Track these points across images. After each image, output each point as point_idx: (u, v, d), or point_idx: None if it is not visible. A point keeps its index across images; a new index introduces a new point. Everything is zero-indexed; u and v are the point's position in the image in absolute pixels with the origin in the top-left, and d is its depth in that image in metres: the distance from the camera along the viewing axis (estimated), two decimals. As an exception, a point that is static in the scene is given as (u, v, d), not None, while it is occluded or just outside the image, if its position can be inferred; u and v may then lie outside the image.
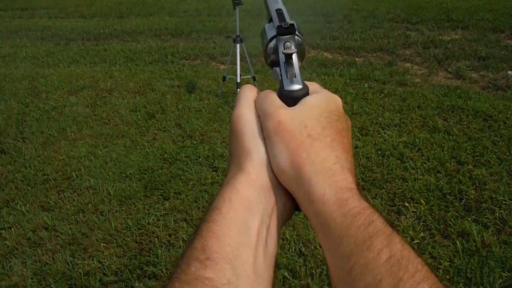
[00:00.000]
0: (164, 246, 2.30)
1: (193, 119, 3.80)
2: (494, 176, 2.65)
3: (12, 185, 2.96)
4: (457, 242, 2.12)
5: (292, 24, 0.42)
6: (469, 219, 2.29)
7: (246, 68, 4.29)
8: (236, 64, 3.95)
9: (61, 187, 2.92)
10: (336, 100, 0.42)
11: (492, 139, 3.09)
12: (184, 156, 3.19)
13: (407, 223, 2.32)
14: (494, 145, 3.02)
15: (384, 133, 3.33)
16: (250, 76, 4.14)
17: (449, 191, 2.54)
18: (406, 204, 2.48)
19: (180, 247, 2.28)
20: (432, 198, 2.50)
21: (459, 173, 2.71)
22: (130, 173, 3.02)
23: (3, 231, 2.52)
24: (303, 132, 0.38)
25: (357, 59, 5.22)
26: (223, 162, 3.07)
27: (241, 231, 0.35)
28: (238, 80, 3.93)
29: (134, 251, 2.29)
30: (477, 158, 2.87)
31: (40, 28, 8.62)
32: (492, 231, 2.19)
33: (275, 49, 0.42)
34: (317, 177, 0.36)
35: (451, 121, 3.43)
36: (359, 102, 3.91)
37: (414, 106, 3.73)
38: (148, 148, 3.35)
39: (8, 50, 6.83)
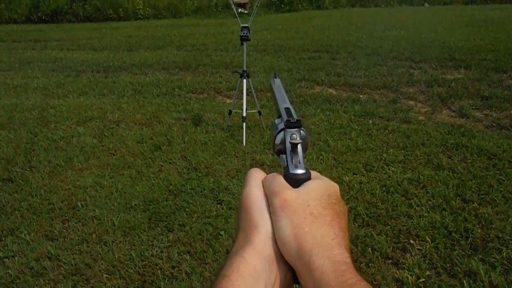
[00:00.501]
0: (167, 279, 2.29)
1: (198, 151, 3.84)
2: (500, 215, 2.64)
3: (17, 214, 2.98)
4: (464, 282, 2.10)
5: (299, 120, 0.50)
6: (475, 258, 2.27)
7: (252, 103, 4.36)
8: (242, 99, 4.02)
9: (66, 216, 2.93)
10: (335, 186, 0.48)
11: (497, 177, 3.10)
12: (189, 188, 3.20)
13: (413, 261, 2.30)
14: (500, 184, 3.02)
15: (389, 169, 3.35)
16: (256, 110, 4.21)
17: (455, 229, 2.53)
18: (412, 241, 2.46)
19: (183, 280, 2.27)
20: (437, 236, 2.49)
21: (465, 211, 2.71)
22: (135, 204, 3.03)
23: (7, 259, 2.51)
24: (306, 210, 0.43)
25: (361, 96, 5.30)
26: (227, 195, 3.08)
27: None
28: (244, 114, 3.99)
29: (136, 283, 2.27)
30: (482, 196, 2.87)
31: (52, 59, 8.84)
32: (499, 271, 2.16)
33: (283, 140, 0.49)
34: (317, 249, 0.41)
35: (455, 159, 3.45)
36: (364, 138, 3.95)
37: (418, 143, 3.76)
38: (154, 180, 3.37)
39: (20, 80, 6.99)
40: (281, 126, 0.51)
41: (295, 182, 0.46)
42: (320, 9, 15.64)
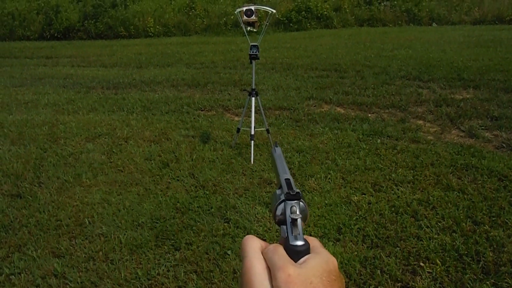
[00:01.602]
0: (173, 299, 2.26)
1: (206, 169, 3.84)
2: (512, 238, 2.59)
3: (25, 230, 2.98)
4: (476, 306, 2.05)
5: (298, 192, 0.52)
6: (488, 282, 2.22)
7: (260, 121, 4.37)
8: (250, 117, 4.04)
9: (73, 233, 2.93)
10: (334, 261, 0.49)
11: (508, 199, 3.05)
12: (197, 206, 3.19)
13: (423, 284, 2.26)
14: (511, 206, 2.97)
15: (398, 189, 3.32)
16: (264, 128, 4.21)
17: (466, 252, 2.49)
18: (422, 264, 2.42)
19: (189, 301, 2.24)
20: (448, 258, 2.45)
21: (476, 234, 2.66)
22: (142, 222, 3.02)
23: (13, 276, 2.51)
24: (308, 287, 0.45)
25: (369, 115, 5.30)
26: (235, 214, 3.06)
27: None
28: (252, 132, 4.00)
29: (142, 303, 2.25)
30: (493, 218, 2.83)
31: (62, 76, 8.97)
32: (512, 297, 2.11)
33: (283, 211, 0.52)
34: None
35: (465, 179, 3.41)
36: (372, 157, 3.93)
37: (428, 163, 3.73)
38: (161, 197, 3.37)
39: (31, 96, 7.09)
40: (282, 197, 0.53)
41: (295, 253, 0.48)
42: (328, 28, 15.77)
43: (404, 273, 2.37)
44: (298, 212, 0.51)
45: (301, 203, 0.52)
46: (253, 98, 4.01)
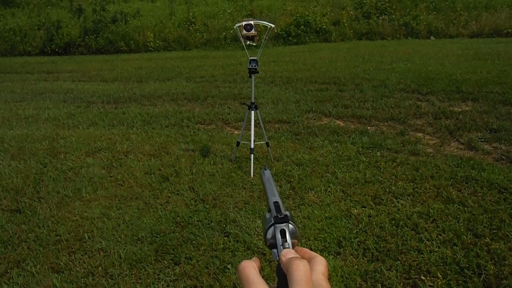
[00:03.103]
0: (173, 315, 2.24)
1: (206, 183, 3.84)
2: (513, 251, 2.58)
3: (24, 245, 2.97)
4: (478, 320, 2.03)
5: (286, 215, 0.53)
6: (489, 296, 2.21)
7: (260, 134, 4.39)
8: (250, 130, 4.05)
9: (72, 248, 2.91)
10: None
11: (508, 212, 3.05)
12: (197, 220, 3.18)
13: (424, 298, 2.24)
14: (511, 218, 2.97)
15: (398, 202, 3.31)
16: (263, 142, 4.22)
17: (467, 265, 2.48)
18: (423, 278, 2.41)
19: (189, 316, 2.22)
20: (449, 272, 2.43)
21: (477, 247, 2.65)
22: (142, 236, 3.01)
23: (12, 292, 2.49)
24: None
25: (369, 127, 5.31)
26: (235, 228, 3.06)
27: None
28: (252, 146, 4.01)
29: (142, 318, 2.23)
30: (494, 231, 2.82)
31: (63, 90, 9.01)
32: (514, 310, 2.10)
33: (273, 235, 0.53)
34: None
35: (465, 192, 3.41)
36: (372, 170, 3.93)
37: (427, 176, 3.74)
38: (161, 211, 3.36)
39: (31, 111, 7.12)
40: (272, 220, 0.54)
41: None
42: (327, 42, 15.90)
43: (405, 287, 2.35)
44: (288, 236, 0.52)
45: (290, 225, 0.53)
46: (253, 112, 4.03)
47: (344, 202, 3.36)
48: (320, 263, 0.50)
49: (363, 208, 3.26)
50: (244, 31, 4.00)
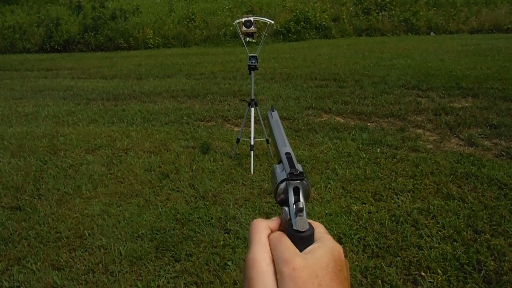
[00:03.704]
0: (173, 311, 2.25)
1: (206, 180, 3.84)
2: (513, 247, 2.58)
3: (24, 242, 2.97)
4: (478, 316, 2.04)
5: (302, 172, 0.48)
6: (489, 292, 2.21)
7: (260, 131, 4.38)
8: (250, 127, 4.05)
9: (73, 245, 2.92)
10: (339, 249, 0.47)
11: (508, 208, 3.05)
12: (197, 217, 3.19)
13: (424, 294, 2.25)
14: (511, 214, 2.97)
15: (398, 198, 3.31)
16: (263, 138, 4.22)
17: (467, 261, 2.48)
18: (423, 274, 2.41)
19: (189, 313, 2.23)
20: (449, 268, 2.44)
21: (477, 243, 2.66)
22: (142, 233, 3.01)
23: (12, 290, 2.49)
24: (314, 281, 0.43)
25: (369, 124, 5.31)
26: (235, 224, 3.06)
27: None
28: (252, 143, 4.01)
29: (142, 315, 2.23)
30: (494, 227, 2.82)
31: (63, 88, 9.00)
32: (514, 306, 2.10)
33: (285, 190, 0.48)
34: None
35: (465, 188, 3.41)
36: (372, 167, 3.93)
37: (427, 172, 3.74)
38: (161, 208, 3.36)
39: (31, 109, 7.11)
40: (283, 175, 0.49)
41: (299, 239, 0.45)
42: (327, 38, 15.88)
43: (405, 283, 2.36)
44: (301, 194, 0.47)
45: (304, 182, 0.48)
46: (253, 109, 4.02)
47: (344, 199, 3.36)
48: (319, 226, 0.49)
49: (363, 205, 3.26)
50: (244, 28, 3.99)
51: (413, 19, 15.93)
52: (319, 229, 0.48)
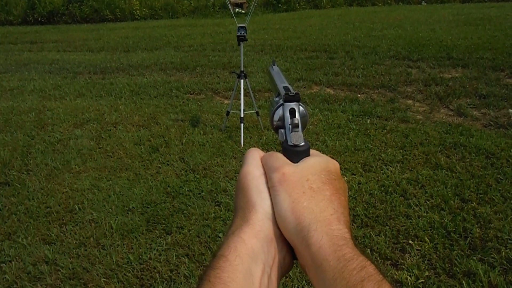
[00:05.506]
0: (165, 282, 2.27)
1: (196, 153, 3.82)
2: (499, 215, 2.63)
3: (14, 218, 2.96)
4: (463, 282, 2.09)
5: (298, 93, 0.48)
6: (474, 258, 2.26)
7: (250, 103, 4.35)
8: (239, 99, 4.01)
9: (63, 220, 2.91)
10: (335, 163, 0.47)
11: (495, 176, 3.09)
12: (187, 190, 3.19)
13: (412, 261, 2.29)
14: (498, 183, 3.01)
15: (387, 169, 3.34)
16: (253, 111, 4.20)
17: (454, 229, 2.53)
18: (410, 242, 2.46)
19: (181, 283, 2.26)
20: (436, 236, 2.48)
21: (463, 211, 2.70)
22: (132, 207, 3.01)
23: (3, 264, 2.50)
24: (304, 184, 0.43)
25: (359, 95, 5.30)
26: (226, 197, 3.07)
27: (246, 277, 0.38)
28: (242, 115, 3.98)
29: (135, 286, 2.26)
30: (481, 196, 2.87)
31: (48, 61, 8.81)
32: (498, 271, 2.16)
33: (281, 117, 0.48)
34: (315, 224, 0.40)
35: (453, 158, 3.44)
36: (362, 138, 3.94)
37: (417, 142, 3.76)
38: (152, 182, 3.36)
39: (16, 83, 6.96)
40: (280, 101, 0.49)
41: (294, 154, 0.45)
42: (317, 9, 15.64)
43: (394, 251, 2.40)
44: (297, 113, 0.47)
45: (300, 106, 0.48)
46: (242, 81, 3.98)
47: (334, 170, 3.38)
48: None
49: (353, 176, 3.28)
50: (232, -3, 3.89)
51: (404, -12, 15.73)
52: (315, 151, 0.48)
